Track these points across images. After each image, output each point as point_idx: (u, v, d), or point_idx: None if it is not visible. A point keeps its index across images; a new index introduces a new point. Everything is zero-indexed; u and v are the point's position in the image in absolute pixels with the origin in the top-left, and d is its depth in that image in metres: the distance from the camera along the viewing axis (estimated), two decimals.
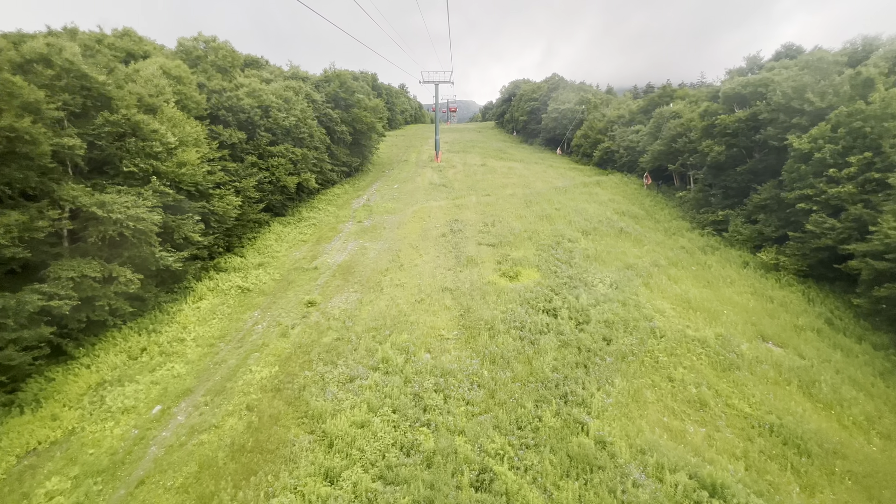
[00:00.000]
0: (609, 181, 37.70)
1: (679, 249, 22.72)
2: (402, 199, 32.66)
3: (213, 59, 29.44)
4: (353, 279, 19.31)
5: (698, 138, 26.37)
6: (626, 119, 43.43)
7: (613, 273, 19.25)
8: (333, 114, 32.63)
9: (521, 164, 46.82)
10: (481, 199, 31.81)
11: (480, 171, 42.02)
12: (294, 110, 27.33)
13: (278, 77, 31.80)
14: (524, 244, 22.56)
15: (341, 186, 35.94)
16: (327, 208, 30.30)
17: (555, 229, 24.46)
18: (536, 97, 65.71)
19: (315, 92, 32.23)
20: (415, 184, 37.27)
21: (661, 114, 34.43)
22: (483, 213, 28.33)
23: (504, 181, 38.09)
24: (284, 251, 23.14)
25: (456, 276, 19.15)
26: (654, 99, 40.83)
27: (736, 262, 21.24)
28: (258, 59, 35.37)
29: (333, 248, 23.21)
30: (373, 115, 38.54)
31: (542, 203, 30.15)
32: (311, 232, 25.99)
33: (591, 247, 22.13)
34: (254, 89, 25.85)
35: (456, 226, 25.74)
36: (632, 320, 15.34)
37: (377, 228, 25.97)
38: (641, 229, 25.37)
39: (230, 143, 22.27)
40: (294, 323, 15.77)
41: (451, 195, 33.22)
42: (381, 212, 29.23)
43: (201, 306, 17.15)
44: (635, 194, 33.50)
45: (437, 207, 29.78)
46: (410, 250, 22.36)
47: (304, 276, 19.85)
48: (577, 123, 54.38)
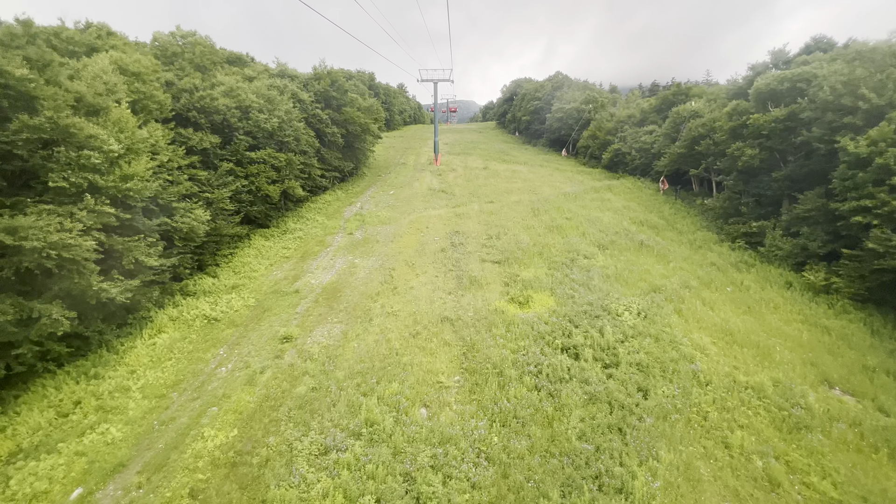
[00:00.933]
0: (621, 186, 35.08)
1: (709, 267, 20.11)
2: (398, 206, 30.09)
3: (190, 56, 26.97)
4: (338, 305, 16.72)
5: (725, 140, 23.76)
6: (637, 119, 40.84)
7: (639, 297, 16.65)
8: (323, 115, 30.07)
9: (526, 167, 44.22)
10: (484, 206, 29.22)
11: (482, 175, 39.44)
12: (278, 111, 24.76)
13: (262, 75, 29.25)
14: (534, 261, 19.96)
15: (333, 193, 33.36)
16: (316, 218, 27.73)
17: (567, 243, 21.86)
18: (540, 96, 63.13)
19: (303, 91, 29.67)
20: (412, 189, 34.69)
21: (679, 113, 31.82)
22: (486, 223, 25.75)
23: (508, 186, 35.50)
24: (264, 270, 20.56)
25: (457, 302, 16.57)
26: (667, 97, 38.22)
27: (777, 282, 18.62)
28: (242, 57, 32.82)
29: (319, 266, 20.63)
30: (367, 115, 35.97)
31: (551, 211, 27.57)
32: (295, 246, 23.41)
33: (611, 264, 19.52)
34: (231, 88, 23.30)
35: (457, 238, 23.16)
36: (669, 362, 12.74)
37: (369, 242, 23.39)
38: (664, 242, 22.75)
39: (201, 149, 19.69)
40: (264, 365, 13.18)
41: (451, 202, 30.64)
42: (375, 222, 26.66)
43: (158, 342, 14.57)
44: (651, 201, 30.88)
45: (435, 217, 27.20)
46: (405, 268, 19.78)
47: (283, 302, 17.27)
48: (584, 123, 51.78)
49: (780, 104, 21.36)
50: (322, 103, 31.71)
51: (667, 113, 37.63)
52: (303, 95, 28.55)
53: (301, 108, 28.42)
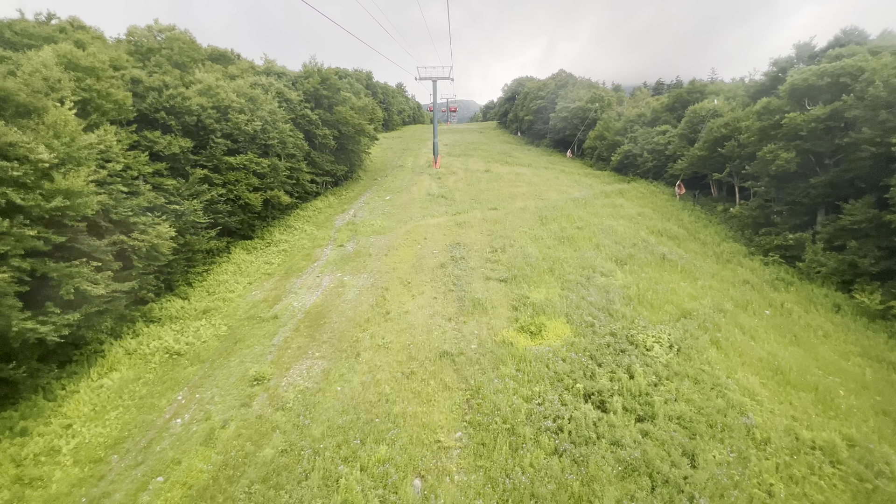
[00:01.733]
0: (633, 190, 32.84)
1: (742, 285, 17.88)
2: (393, 214, 27.89)
3: (168, 52, 24.81)
4: (321, 335, 14.51)
5: (753, 141, 21.52)
6: (647, 118, 38.61)
7: (668, 325, 14.43)
8: (313, 115, 27.85)
9: (530, 170, 42.00)
10: (487, 213, 27.01)
11: (484, 179, 37.23)
12: (261, 111, 22.56)
13: (247, 73, 27.05)
14: (545, 279, 17.74)
15: (324, 199, 31.16)
16: (304, 228, 25.52)
17: (581, 257, 19.64)
18: (543, 95, 60.89)
19: (291, 90, 27.46)
20: (410, 195, 32.49)
21: (696, 112, 29.59)
22: (490, 232, 23.54)
23: (512, 190, 33.29)
24: (242, 289, 18.35)
25: (459, 331, 14.36)
26: (681, 95, 35.98)
27: (822, 304, 16.40)
28: (227, 53, 30.62)
29: (304, 285, 18.42)
30: (361, 115, 33.77)
31: (560, 219, 25.35)
32: (279, 261, 21.20)
33: (632, 283, 17.30)
34: (209, 87, 21.10)
35: (458, 251, 20.95)
36: (716, 413, 10.52)
37: (361, 255, 21.17)
38: (687, 255, 20.52)
39: (169, 154, 17.49)
40: (228, 416, 10.99)
41: (451, 209, 28.44)
42: (368, 232, 24.45)
43: (107, 384, 12.37)
44: (667, 207, 28.64)
45: (434, 226, 24.99)
46: (400, 288, 17.57)
47: (259, 331, 15.06)
48: (590, 123, 49.55)
49: (817, 101, 19.12)
50: (312, 103, 29.51)
51: (681, 112, 35.40)
52: (290, 94, 26.34)
53: (288, 108, 26.22)
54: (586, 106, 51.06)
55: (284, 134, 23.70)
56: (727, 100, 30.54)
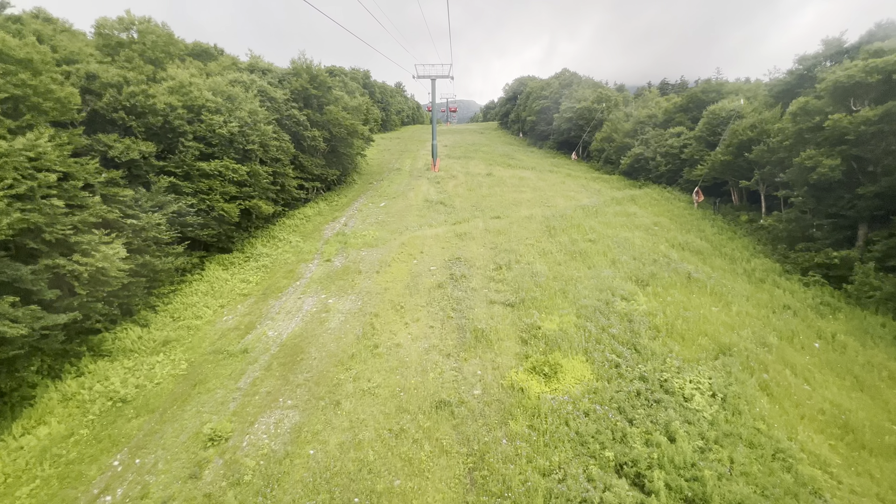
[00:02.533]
0: (645, 197, 30.63)
1: (783, 311, 15.68)
2: (388, 223, 25.68)
3: (140, 46, 22.60)
4: (296, 376, 12.30)
5: (788, 146, 19.31)
6: (659, 119, 36.41)
7: (706, 364, 12.24)
8: (300, 116, 25.63)
9: (534, 174, 39.82)
10: (490, 223, 24.81)
11: (486, 183, 35.03)
12: (239, 112, 20.34)
13: (228, 69, 24.83)
14: (557, 303, 15.54)
15: (314, 206, 28.93)
16: (289, 239, 23.30)
17: (596, 276, 17.44)
18: (546, 95, 58.71)
19: (276, 88, 25.24)
20: (406, 201, 30.28)
21: (715, 113, 27.39)
22: (493, 245, 21.34)
23: (516, 196, 31.10)
24: (211, 314, 16.13)
25: (458, 372, 12.16)
26: (695, 95, 33.77)
27: (881, 335, 14.20)
28: (208, 49, 28.42)
29: (282, 309, 16.21)
30: (355, 116, 31.55)
31: (570, 230, 23.15)
32: (258, 279, 18.97)
33: (657, 309, 15.09)
34: (180, 84, 18.88)
35: (457, 267, 18.76)
36: (784, 495, 8.30)
37: (349, 272, 18.96)
38: (715, 274, 18.31)
39: (127, 160, 15.28)
40: (170, 493, 8.77)
41: (450, 217, 26.24)
42: (359, 244, 22.22)
43: (28, 443, 10.15)
44: (685, 216, 26.43)
45: (432, 237, 22.78)
46: (392, 314, 15.37)
47: (224, 369, 12.84)
48: (596, 124, 47.36)
49: (864, 101, 16.91)
50: (300, 102, 27.29)
51: (696, 113, 33.21)
52: (275, 93, 24.11)
53: (273, 108, 24.00)
54: (592, 106, 48.88)
55: (266, 136, 21.47)
56: (747, 100, 28.35)
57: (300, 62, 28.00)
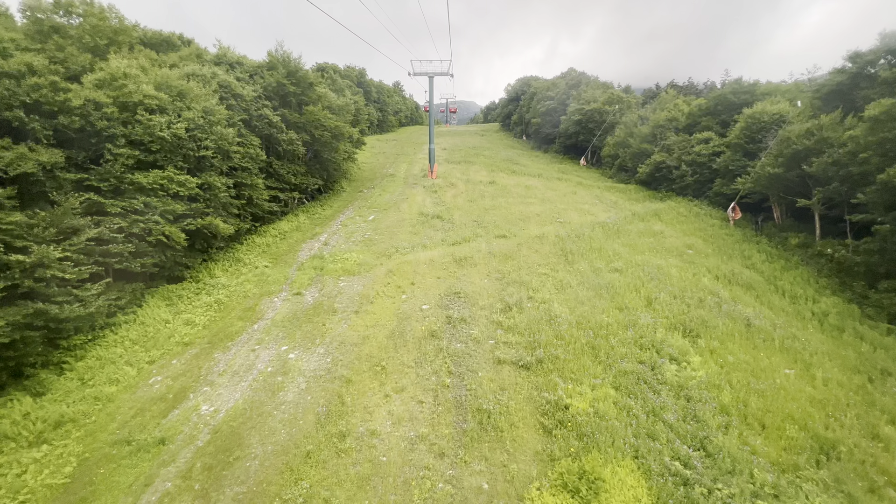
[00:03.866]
0: (670, 211, 26.99)
1: (882, 378, 12.02)
2: (375, 242, 21.99)
3: (78, 32, 19.01)
4: (224, 491, 8.58)
5: (866, 159, 15.67)
6: (681, 123, 32.79)
7: (805, 473, 8.57)
8: (273, 116, 21.89)
9: (541, 182, 36.16)
10: (494, 244, 21.14)
11: (489, 193, 31.37)
12: (189, 112, 16.64)
13: (186, 60, 21.11)
14: (585, 363, 11.87)
15: (292, 219, 25.23)
16: (256, 263, 19.57)
17: (632, 322, 13.77)
18: (552, 95, 55.11)
19: (246, 84, 21.54)
20: (398, 214, 26.59)
21: (755, 117, 23.76)
22: (499, 275, 17.69)
23: (523, 210, 27.43)
24: (135, 375, 12.41)
25: (456, 487, 8.48)
26: (724, 96, 30.12)
27: None
28: (170, 38, 24.70)
29: (228, 368, 12.50)
30: (341, 116, 27.85)
31: (590, 254, 19.50)
32: (207, 320, 15.24)
33: (719, 376, 11.41)
34: (111, 76, 15.20)
35: (456, 307, 15.10)
36: None
37: (322, 312, 15.26)
38: (779, 320, 14.65)
39: (16, 175, 11.56)
40: None
41: (448, 236, 22.56)
42: (339, 270, 18.53)
43: None
44: (722, 237, 22.76)
45: (426, 262, 19.10)
46: (369, 379, 11.67)
47: (125, 475, 9.12)
48: (608, 128, 43.76)
49: None
50: (276, 101, 23.60)
51: (725, 116, 29.61)
52: (241, 89, 20.38)
53: (239, 106, 20.28)
54: (603, 108, 45.29)
55: (226, 140, 17.74)
56: (790, 102, 24.76)
57: (277, 54, 24.30)
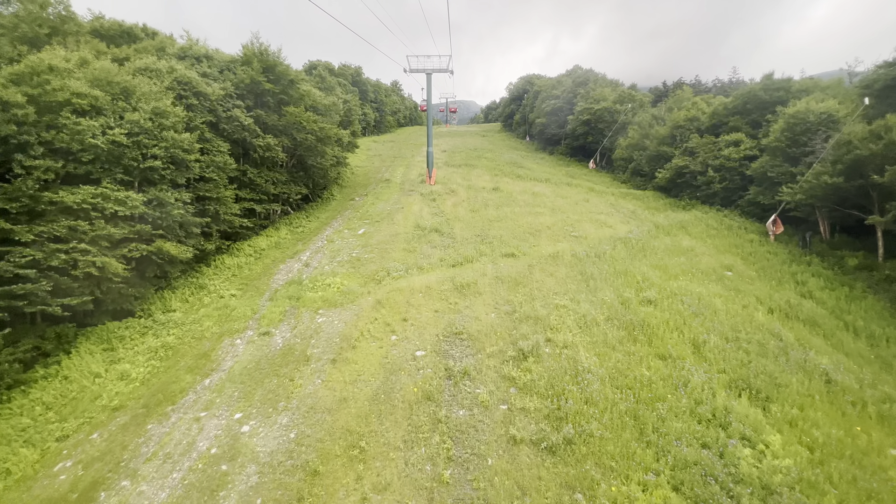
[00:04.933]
0: (698, 223, 24.01)
1: None
2: (364, 262, 19.08)
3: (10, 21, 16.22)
4: None
5: None
6: (704, 124, 29.79)
7: None
8: (245, 118, 18.94)
9: (549, 188, 33.21)
10: (501, 265, 18.21)
11: (493, 202, 28.42)
12: (136, 114, 13.71)
13: (143, 53, 18.18)
14: (628, 442, 8.95)
15: (273, 233, 22.31)
16: (222, 290, 16.66)
17: (681, 379, 10.83)
18: (558, 94, 52.10)
19: (211, 81, 18.61)
20: (392, 226, 23.67)
21: (798, 117, 20.78)
22: (509, 307, 14.76)
23: (532, 221, 24.48)
24: (37, 459, 9.47)
25: None
26: (754, 94, 27.10)
27: None
28: (132, 29, 21.79)
29: (160, 448, 9.58)
30: (328, 118, 24.91)
31: (615, 279, 16.57)
32: (148, 371, 12.28)
33: (811, 465, 8.47)
34: (32, 70, 12.29)
35: (457, 353, 12.20)
36: None
37: (291, 360, 12.34)
38: (861, 370, 11.69)
39: None
40: None
41: (448, 254, 19.63)
42: (318, 301, 15.61)
43: None
44: (764, 256, 19.75)
45: (422, 290, 16.18)
46: (342, 467, 8.75)
47: None
48: (619, 128, 40.77)
49: None
50: (251, 100, 20.67)
51: (755, 116, 26.61)
52: (205, 87, 17.43)
53: (203, 106, 17.35)
54: (613, 107, 42.31)
55: (180, 148, 14.80)
56: (834, 100, 21.78)
57: (253, 47, 21.34)
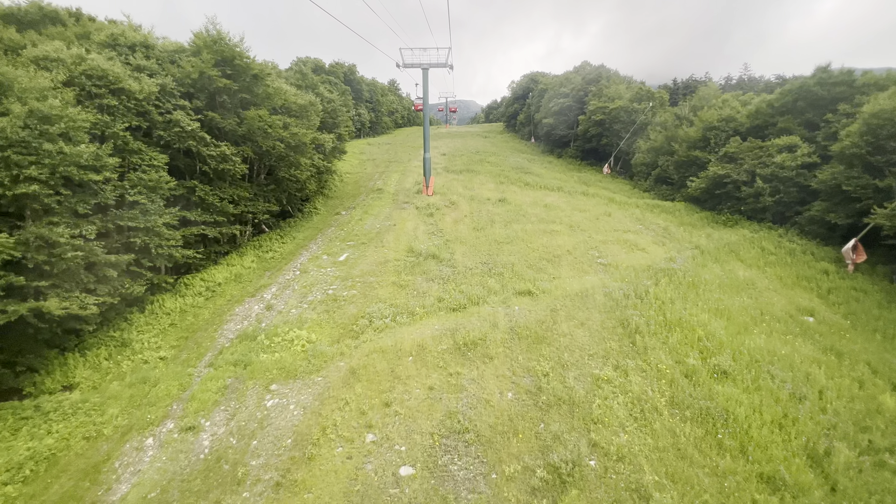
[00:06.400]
0: (750, 247, 19.90)
1: None
2: (340, 304, 15.03)
3: None
4: None
5: None
6: (742, 125, 25.69)
7: None
8: (189, 123, 14.87)
9: (563, 198, 29.14)
10: (516, 310, 14.15)
11: (500, 217, 24.36)
12: (4, 119, 9.66)
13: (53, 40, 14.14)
14: None
15: (235, 260, 18.27)
16: (150, 350, 12.58)
17: None
18: (567, 92, 47.98)
19: (139, 76, 14.54)
20: (381, 250, 19.61)
21: (886, 118, 16.68)
22: (531, 378, 10.71)
23: (548, 243, 20.40)
24: None
25: None
26: (807, 89, 22.96)
27: None
28: (53, 13, 17.70)
29: None
30: (302, 122, 20.81)
31: (667, 334, 12.49)
32: None
33: None
34: None
35: (460, 472, 8.16)
36: None
37: (215, 482, 8.28)
38: None
39: None
40: None
41: (447, 292, 15.57)
42: (272, 368, 11.55)
43: None
44: (847, 292, 15.61)
45: (413, 351, 12.11)
46: None
47: None
48: (637, 129, 36.70)
49: None
50: (204, 100, 16.63)
51: (810, 115, 22.51)
52: (131, 84, 13.35)
53: (125, 107, 13.30)
54: (630, 106, 38.21)
55: (76, 165, 10.75)
56: None
57: (206, 34, 17.27)
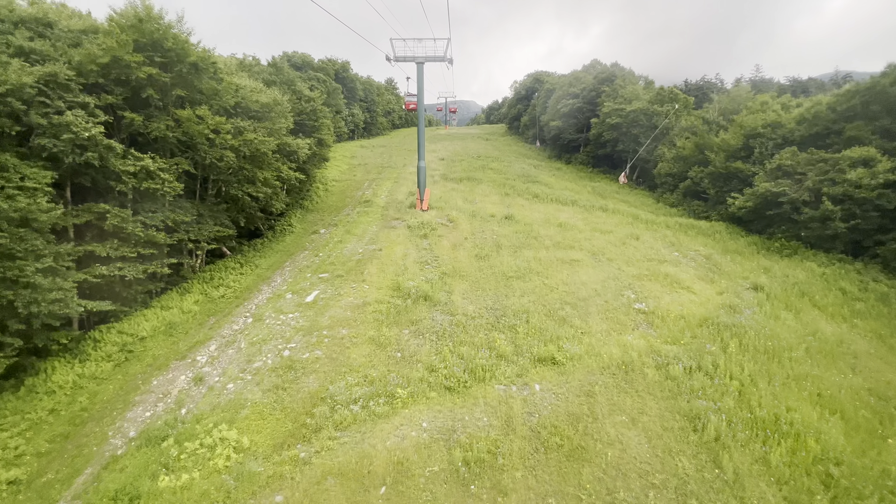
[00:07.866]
0: (818, 283, 15.92)
1: None
2: (299, 373, 10.97)
3: None
4: None
5: None
6: (792, 133, 21.76)
7: None
8: (86, 128, 10.80)
9: (579, 214, 25.15)
10: (537, 396, 10.12)
11: (507, 240, 20.33)
12: None
13: None
14: None
15: (172, 300, 14.20)
16: (2, 462, 8.57)
17: None
18: (576, 93, 44.04)
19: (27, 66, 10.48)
20: (360, 288, 15.55)
21: None
22: None
23: (569, 279, 16.39)
24: None
25: None
26: (880, 89, 19.02)
27: None
28: None
29: None
30: (270, 122, 16.73)
31: (761, 442, 8.49)
32: None
33: None
34: None
35: None
36: None
37: None
38: None
39: None
40: None
41: (442, 357, 11.52)
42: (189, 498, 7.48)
43: None
44: None
45: (388, 470, 8.06)
46: None
47: None
48: (659, 135, 32.74)
49: None
50: (123, 94, 12.55)
51: (886, 122, 18.56)
52: None
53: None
54: (649, 108, 34.27)
55: None
56: None
57: (131, 10, 13.20)
